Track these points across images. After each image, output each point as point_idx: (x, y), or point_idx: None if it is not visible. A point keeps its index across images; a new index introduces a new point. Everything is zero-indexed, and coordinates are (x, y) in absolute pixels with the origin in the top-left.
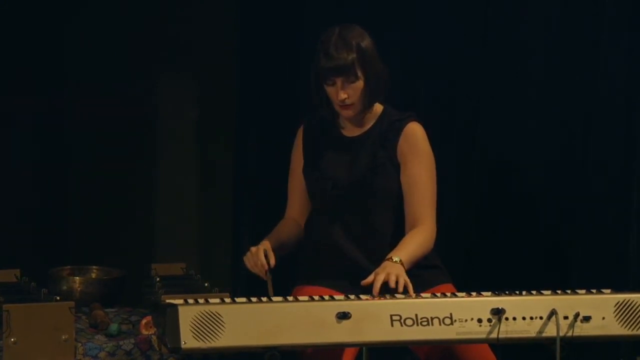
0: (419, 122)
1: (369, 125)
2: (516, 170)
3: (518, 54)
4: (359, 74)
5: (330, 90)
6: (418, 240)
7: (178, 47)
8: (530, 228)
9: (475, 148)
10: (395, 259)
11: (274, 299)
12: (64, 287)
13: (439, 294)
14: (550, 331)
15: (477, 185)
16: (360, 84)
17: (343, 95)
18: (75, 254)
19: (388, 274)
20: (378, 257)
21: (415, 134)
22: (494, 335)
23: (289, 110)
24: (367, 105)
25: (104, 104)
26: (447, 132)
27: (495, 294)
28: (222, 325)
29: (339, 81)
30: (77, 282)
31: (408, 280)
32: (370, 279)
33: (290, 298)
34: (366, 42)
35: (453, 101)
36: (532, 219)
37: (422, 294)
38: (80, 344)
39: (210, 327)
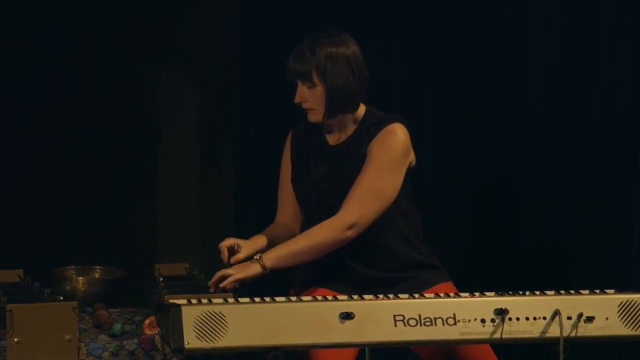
0: (400, 123)
1: (350, 131)
2: (518, 170)
3: (518, 54)
4: (317, 81)
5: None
6: (309, 235)
7: (179, 48)
8: (532, 228)
9: (477, 147)
10: (257, 257)
11: (277, 299)
12: (67, 287)
13: (442, 294)
14: (554, 331)
15: (478, 184)
16: (319, 91)
17: (298, 99)
18: (79, 254)
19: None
20: (371, 262)
21: (390, 133)
22: (497, 335)
23: (294, 114)
24: (331, 114)
25: (107, 104)
26: (448, 133)
27: (499, 294)
28: (225, 326)
29: (299, 84)
30: (80, 282)
31: (232, 280)
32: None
33: (293, 298)
34: (338, 51)
35: (454, 102)
36: (534, 219)
37: (425, 294)
38: (83, 344)
39: (213, 327)
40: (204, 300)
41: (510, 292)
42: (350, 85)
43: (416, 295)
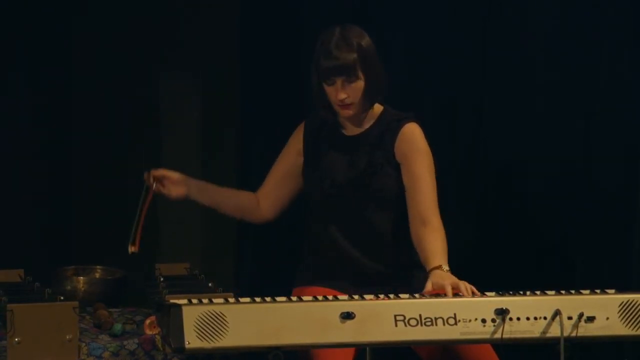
0: (417, 122)
1: (368, 125)
2: (519, 170)
3: (519, 53)
4: (360, 73)
5: (330, 89)
6: (443, 243)
7: (179, 48)
8: (533, 228)
9: (478, 148)
10: (445, 268)
11: (278, 299)
12: (68, 287)
13: (442, 294)
14: (554, 331)
15: (479, 184)
16: (360, 84)
17: (342, 95)
18: (79, 254)
19: (457, 284)
20: (377, 257)
21: (412, 133)
22: (497, 335)
23: (295, 113)
24: (367, 106)
25: (107, 104)
26: (450, 132)
27: (499, 294)
28: (226, 326)
29: (339, 81)
30: (81, 282)
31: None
32: (429, 289)
33: (294, 298)
34: (366, 42)
35: (455, 102)
36: (535, 219)
37: (426, 294)
38: (83, 344)
39: (214, 327)
40: (205, 300)
41: (511, 292)
42: (384, 74)
43: (417, 295)
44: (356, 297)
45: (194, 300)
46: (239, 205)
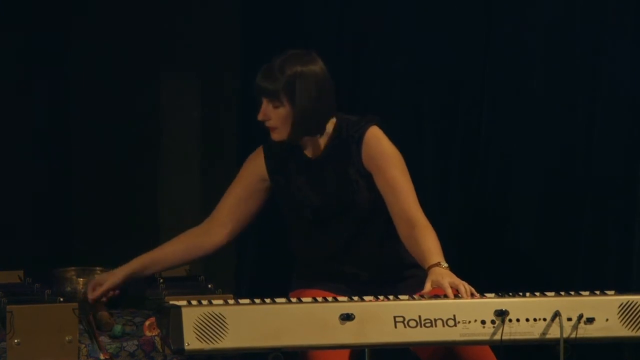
0: (376, 124)
1: (324, 142)
2: (519, 170)
3: (520, 51)
4: (284, 101)
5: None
6: (435, 240)
7: (181, 47)
8: (533, 228)
9: (479, 148)
10: (444, 265)
11: (277, 300)
12: (68, 288)
13: (442, 295)
14: (554, 333)
15: (479, 184)
16: (284, 111)
17: (261, 116)
18: (79, 255)
19: (455, 283)
20: (366, 267)
21: (377, 139)
22: (497, 336)
23: None
24: (296, 135)
25: (107, 104)
26: (450, 133)
27: (499, 295)
28: (226, 327)
29: (264, 101)
30: (81, 283)
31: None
32: (429, 288)
33: (293, 299)
34: (308, 71)
35: (456, 103)
36: (535, 219)
37: (425, 295)
38: (83, 345)
39: (214, 328)
40: (204, 302)
41: (511, 293)
42: (317, 107)
43: (416, 297)
44: (355, 298)
45: (194, 302)
46: (188, 247)
